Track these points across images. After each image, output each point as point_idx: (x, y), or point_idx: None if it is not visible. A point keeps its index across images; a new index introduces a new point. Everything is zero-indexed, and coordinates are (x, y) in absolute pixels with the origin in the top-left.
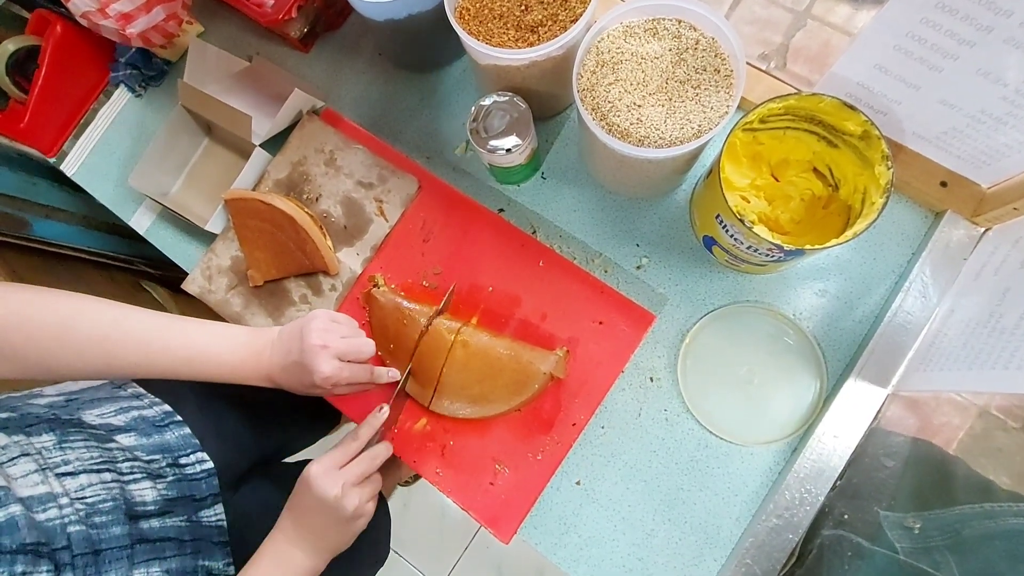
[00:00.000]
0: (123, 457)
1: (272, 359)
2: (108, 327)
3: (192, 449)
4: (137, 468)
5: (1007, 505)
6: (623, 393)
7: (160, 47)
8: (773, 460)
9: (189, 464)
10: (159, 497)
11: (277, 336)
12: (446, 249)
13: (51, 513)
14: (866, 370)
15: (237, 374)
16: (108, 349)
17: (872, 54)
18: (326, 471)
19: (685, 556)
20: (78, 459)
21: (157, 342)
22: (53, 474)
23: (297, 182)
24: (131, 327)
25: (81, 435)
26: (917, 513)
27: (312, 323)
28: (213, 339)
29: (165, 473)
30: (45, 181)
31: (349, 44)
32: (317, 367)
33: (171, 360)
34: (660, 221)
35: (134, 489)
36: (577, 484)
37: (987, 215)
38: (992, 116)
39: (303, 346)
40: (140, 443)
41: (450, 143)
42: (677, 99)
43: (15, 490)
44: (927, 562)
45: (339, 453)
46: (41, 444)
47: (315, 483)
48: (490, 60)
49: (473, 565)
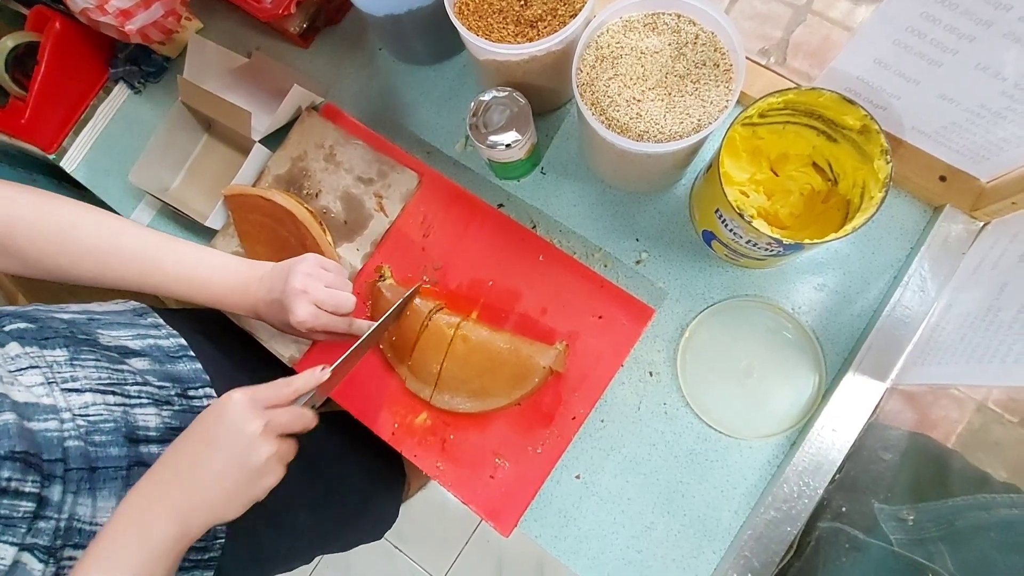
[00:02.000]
0: (133, 380)
1: (258, 293)
2: (105, 239)
3: (202, 384)
4: (145, 393)
5: (1000, 496)
6: (623, 387)
7: (159, 43)
8: (772, 453)
9: (197, 397)
10: (162, 424)
11: (268, 271)
12: (446, 244)
13: (50, 424)
14: (865, 364)
15: (224, 301)
16: (101, 259)
17: (872, 49)
18: (250, 401)
19: (684, 548)
20: (86, 377)
21: (149, 260)
22: (59, 388)
23: (297, 178)
24: (126, 242)
25: (94, 354)
26: (911, 505)
27: (299, 265)
28: (204, 264)
29: (173, 401)
30: (45, 178)
31: (349, 39)
32: (294, 310)
33: (161, 277)
34: (660, 216)
35: (138, 413)
36: (577, 478)
37: (985, 209)
38: (991, 111)
39: (285, 287)
40: (152, 368)
41: (450, 138)
42: (677, 94)
43: (13, 396)
44: (921, 553)
45: (268, 391)
46: (53, 358)
47: (234, 410)
48: (489, 55)
49: (474, 558)
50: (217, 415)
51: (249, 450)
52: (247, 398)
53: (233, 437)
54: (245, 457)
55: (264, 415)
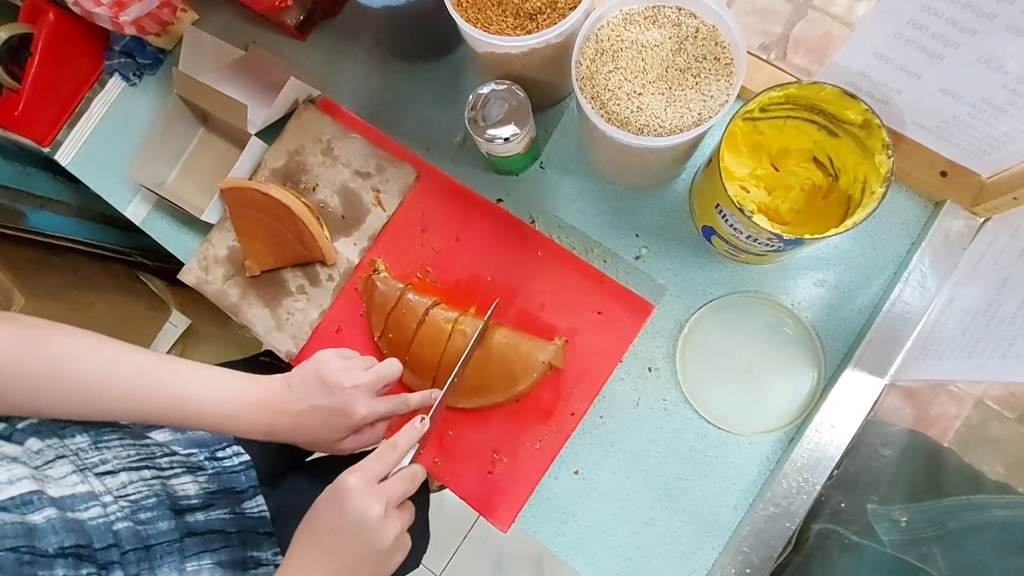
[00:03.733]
0: (160, 453)
1: (285, 407)
2: (98, 371)
3: (227, 442)
4: (176, 463)
5: (993, 497)
6: (622, 383)
7: (154, 35)
8: (771, 449)
9: (227, 457)
10: (201, 491)
11: (284, 385)
12: (444, 239)
13: (94, 512)
14: (864, 360)
15: (233, 424)
16: (97, 393)
17: (873, 42)
18: (366, 484)
19: (683, 544)
20: (115, 457)
21: (147, 389)
22: (92, 474)
23: (294, 172)
24: (122, 372)
25: (115, 434)
26: (904, 505)
27: (328, 366)
28: (207, 386)
29: (204, 466)
30: (40, 171)
31: (346, 32)
32: (355, 408)
33: (161, 408)
34: (659, 211)
35: (176, 484)
36: (575, 474)
37: (986, 205)
38: (993, 105)
39: (332, 391)
40: (175, 438)
41: (448, 132)
42: (677, 87)
43: (49, 491)
44: (914, 555)
45: (378, 463)
46: (76, 445)
47: (353, 498)
48: (488, 48)
49: (472, 554)
50: (335, 505)
51: (378, 535)
52: (362, 481)
53: (357, 527)
54: (376, 544)
55: (382, 493)
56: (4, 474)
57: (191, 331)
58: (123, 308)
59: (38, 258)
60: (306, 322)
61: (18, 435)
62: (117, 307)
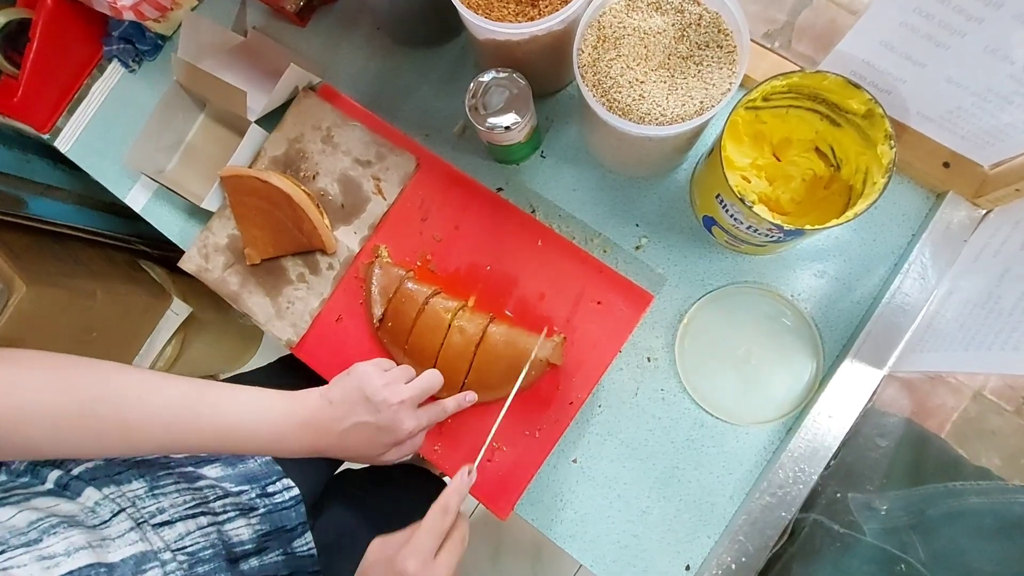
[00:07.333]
0: (214, 495)
1: (329, 426)
2: (134, 410)
3: (276, 476)
4: (230, 505)
5: (970, 483)
6: (620, 372)
7: (153, 21)
8: (768, 439)
9: (277, 492)
10: (254, 534)
11: (325, 402)
12: (444, 228)
13: (154, 573)
14: (863, 351)
15: (274, 448)
16: (135, 432)
17: (878, 31)
18: (424, 566)
19: (680, 533)
20: (172, 505)
21: (184, 422)
22: (150, 526)
23: (294, 159)
24: (158, 408)
25: (171, 477)
26: (882, 493)
27: (373, 382)
28: (245, 412)
29: (256, 505)
30: (40, 158)
31: (347, 18)
32: (401, 425)
33: (201, 440)
34: (660, 201)
35: (230, 529)
36: (574, 462)
37: (989, 196)
38: (998, 95)
39: (377, 408)
40: (227, 473)
41: (449, 121)
42: (679, 75)
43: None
44: (894, 543)
45: (430, 538)
46: (133, 493)
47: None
48: (489, 34)
49: (471, 541)
50: None
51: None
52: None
53: None
54: None
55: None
56: (62, 544)
57: (192, 319)
58: (124, 296)
59: (39, 246)
60: (306, 311)
61: (75, 484)
62: (118, 295)
